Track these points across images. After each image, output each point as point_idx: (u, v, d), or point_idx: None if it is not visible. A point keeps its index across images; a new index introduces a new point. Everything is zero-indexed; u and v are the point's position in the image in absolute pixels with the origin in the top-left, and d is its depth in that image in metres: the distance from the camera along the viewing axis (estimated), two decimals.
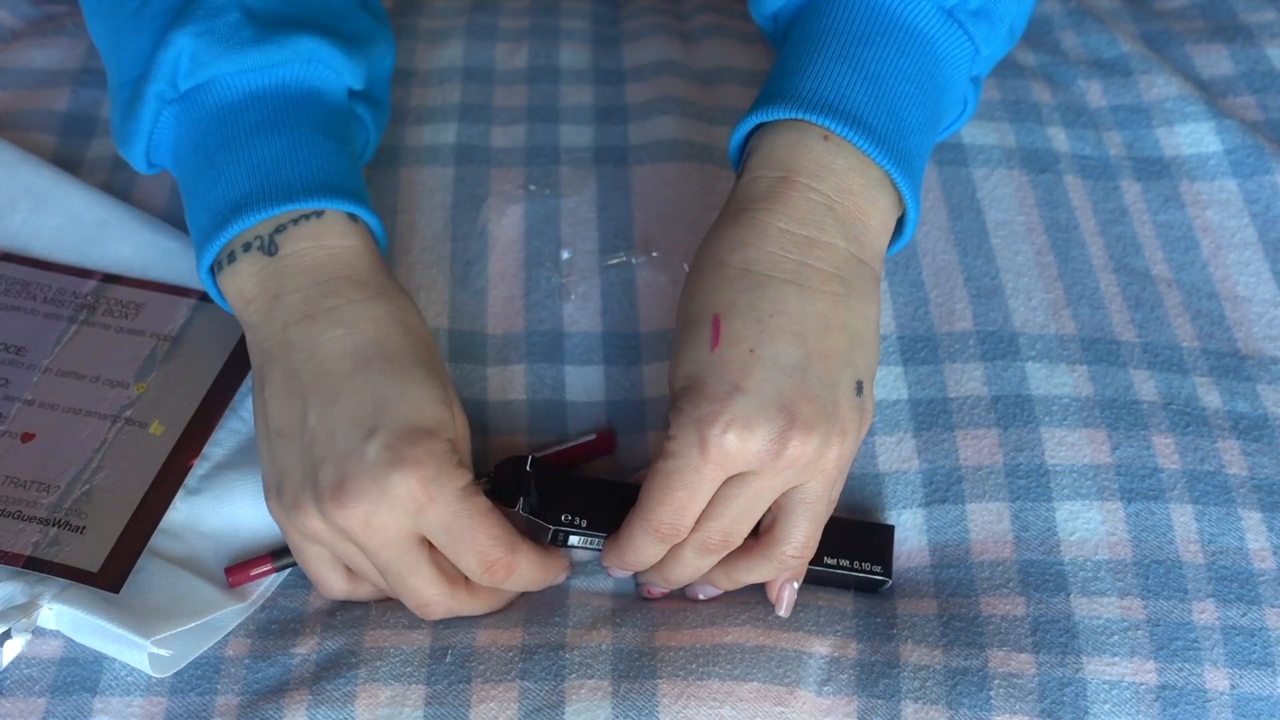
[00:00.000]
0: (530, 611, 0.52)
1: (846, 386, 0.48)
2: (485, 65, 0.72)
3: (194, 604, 0.51)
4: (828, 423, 0.47)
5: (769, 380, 0.47)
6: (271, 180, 0.51)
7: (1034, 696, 0.49)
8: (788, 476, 0.48)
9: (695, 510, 0.48)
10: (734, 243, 0.49)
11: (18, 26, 0.74)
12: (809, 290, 0.48)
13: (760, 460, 0.47)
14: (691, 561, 0.50)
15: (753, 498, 0.48)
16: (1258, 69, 0.72)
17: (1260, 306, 0.62)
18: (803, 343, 0.47)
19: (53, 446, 0.54)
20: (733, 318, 0.48)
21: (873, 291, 0.50)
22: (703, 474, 0.47)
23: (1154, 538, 0.54)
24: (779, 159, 0.50)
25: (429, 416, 0.48)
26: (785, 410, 0.46)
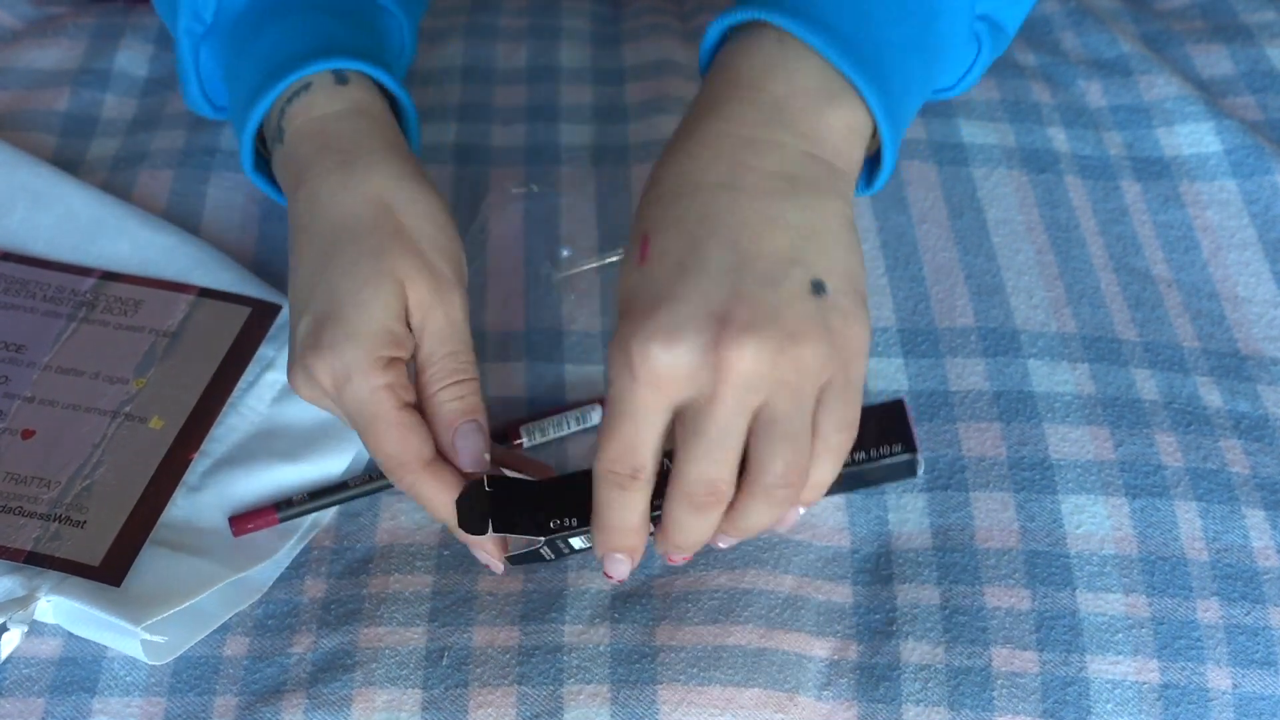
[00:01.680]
0: (528, 606, 0.51)
1: (796, 286, 0.43)
2: (485, 65, 0.72)
3: (190, 582, 0.50)
4: (772, 326, 0.42)
5: (696, 287, 0.42)
6: (264, 67, 0.53)
7: (1036, 696, 0.49)
8: (743, 397, 0.42)
9: (646, 443, 0.43)
10: (667, 155, 0.46)
11: (18, 27, 0.74)
12: (743, 191, 0.44)
13: (700, 378, 0.42)
14: (688, 521, 0.45)
15: (714, 429, 0.43)
16: (1258, 69, 0.72)
17: (1260, 307, 0.62)
18: (734, 246, 0.43)
19: (53, 443, 0.54)
20: (660, 232, 0.44)
21: (836, 189, 0.45)
22: (637, 397, 0.43)
23: (1159, 534, 0.54)
24: (729, 64, 0.47)
25: (348, 313, 0.48)
26: (715, 316, 0.42)
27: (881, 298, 0.61)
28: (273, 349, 0.58)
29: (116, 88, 0.70)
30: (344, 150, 0.51)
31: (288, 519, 0.53)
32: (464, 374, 0.49)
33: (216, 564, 0.52)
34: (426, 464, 0.48)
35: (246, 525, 0.52)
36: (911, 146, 0.67)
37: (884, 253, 0.63)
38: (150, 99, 0.70)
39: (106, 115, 0.69)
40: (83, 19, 0.74)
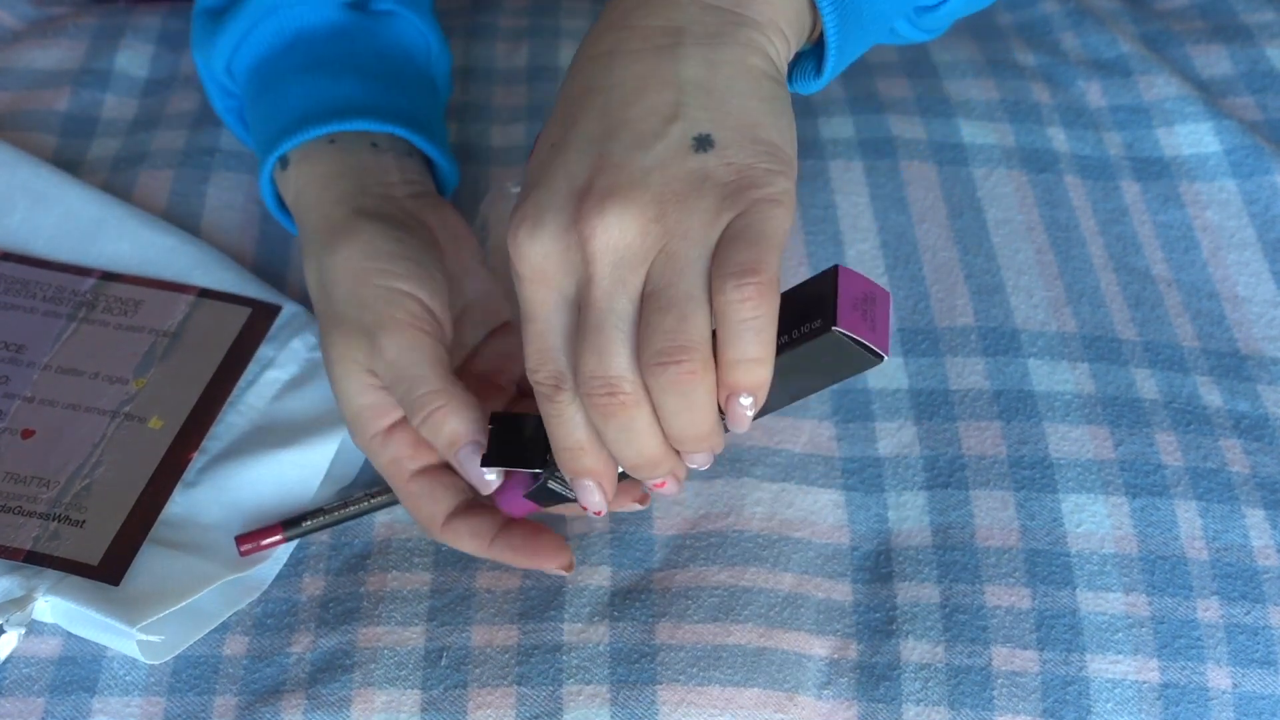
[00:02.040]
0: (526, 604, 0.51)
1: (673, 144, 0.38)
2: (485, 65, 0.72)
3: (187, 581, 0.50)
4: (637, 190, 0.38)
5: (562, 166, 0.39)
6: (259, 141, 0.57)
7: (1037, 695, 0.49)
8: (617, 272, 0.38)
9: (553, 345, 0.40)
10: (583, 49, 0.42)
11: (18, 27, 0.74)
12: (622, 54, 0.40)
13: (572, 261, 0.39)
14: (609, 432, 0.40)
15: (594, 314, 0.39)
16: (1257, 69, 0.72)
17: (1260, 307, 0.62)
18: (605, 114, 0.39)
19: (52, 442, 0.54)
20: (549, 122, 0.41)
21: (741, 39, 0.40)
22: (528, 296, 0.40)
23: (1159, 533, 0.53)
24: None
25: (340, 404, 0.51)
26: (575, 192, 0.38)
27: None
28: (272, 349, 0.58)
29: (117, 88, 0.70)
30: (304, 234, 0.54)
31: (293, 538, 0.53)
32: (422, 409, 0.48)
33: (215, 562, 0.52)
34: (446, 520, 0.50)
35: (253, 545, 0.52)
36: (911, 146, 0.67)
37: (884, 252, 0.63)
38: (151, 99, 0.70)
39: (107, 115, 0.69)
40: (83, 19, 0.74)
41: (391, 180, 0.55)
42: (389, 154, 0.56)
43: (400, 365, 0.49)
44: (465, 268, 0.55)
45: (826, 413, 0.57)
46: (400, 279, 0.50)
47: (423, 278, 0.51)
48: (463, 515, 0.50)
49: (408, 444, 0.50)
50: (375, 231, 0.52)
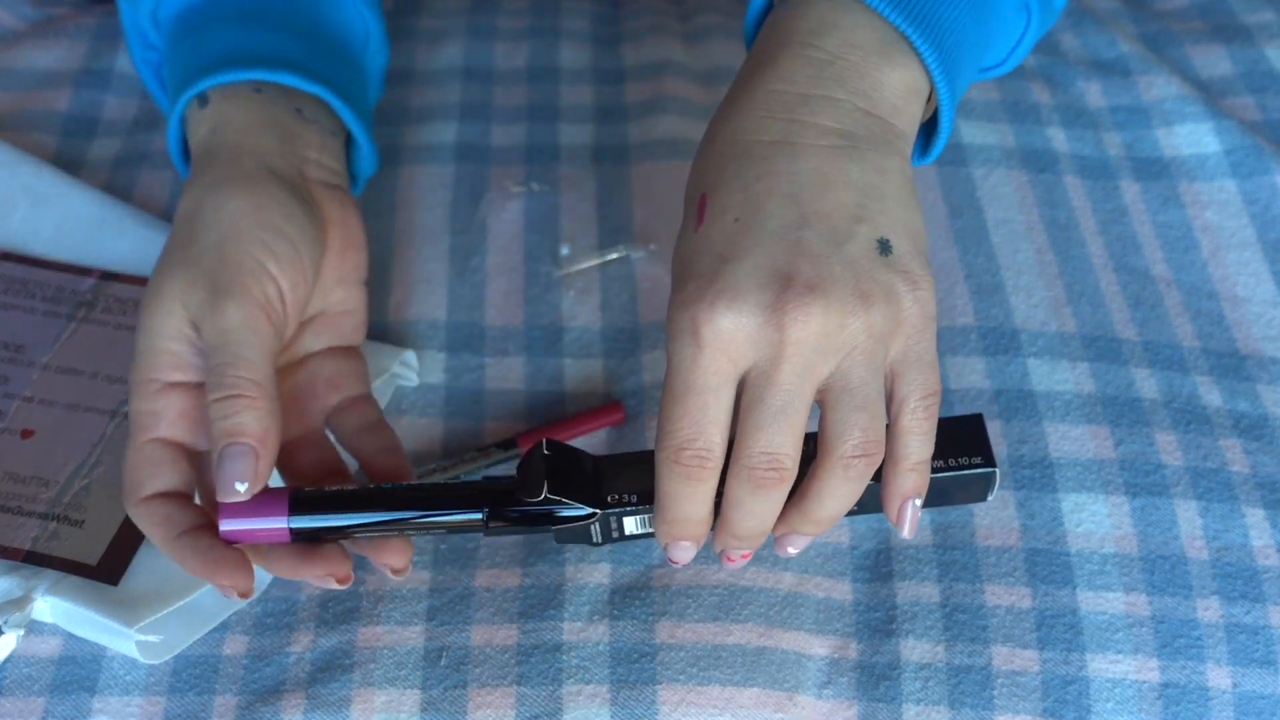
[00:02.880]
0: (525, 603, 0.51)
1: (862, 245, 0.41)
2: (485, 65, 0.72)
3: (186, 580, 0.50)
4: (839, 285, 0.40)
5: (759, 245, 0.40)
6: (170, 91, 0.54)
7: (1037, 695, 0.49)
8: (811, 360, 0.40)
9: (715, 418, 0.41)
10: (722, 116, 0.44)
11: (18, 27, 0.74)
12: (801, 147, 0.42)
13: (765, 340, 0.40)
14: (749, 503, 0.42)
15: (780, 395, 0.40)
16: (1257, 69, 0.72)
17: (1259, 307, 0.62)
18: (796, 202, 0.41)
19: (52, 442, 0.54)
20: (718, 192, 0.42)
21: (895, 148, 0.43)
22: (704, 365, 0.40)
23: (1159, 533, 0.53)
24: (781, 25, 0.45)
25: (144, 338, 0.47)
26: (779, 274, 0.40)
27: None
28: None
29: (117, 88, 0.70)
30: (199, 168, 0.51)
31: None
32: (231, 389, 0.45)
33: None
34: (150, 496, 0.46)
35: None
36: None
37: None
38: (151, 100, 0.70)
39: (107, 116, 0.69)
40: (83, 20, 0.74)
41: (309, 157, 0.52)
42: (313, 126, 0.53)
43: (232, 338, 0.46)
44: (341, 276, 0.52)
45: None
46: (274, 259, 0.48)
47: (295, 269, 0.48)
48: (165, 499, 0.46)
49: (175, 409, 0.47)
50: (274, 199, 0.49)
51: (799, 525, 0.44)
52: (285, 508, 0.46)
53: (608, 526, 0.46)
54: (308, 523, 0.46)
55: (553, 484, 0.45)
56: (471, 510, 0.46)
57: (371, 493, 0.47)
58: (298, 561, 0.47)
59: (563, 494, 0.45)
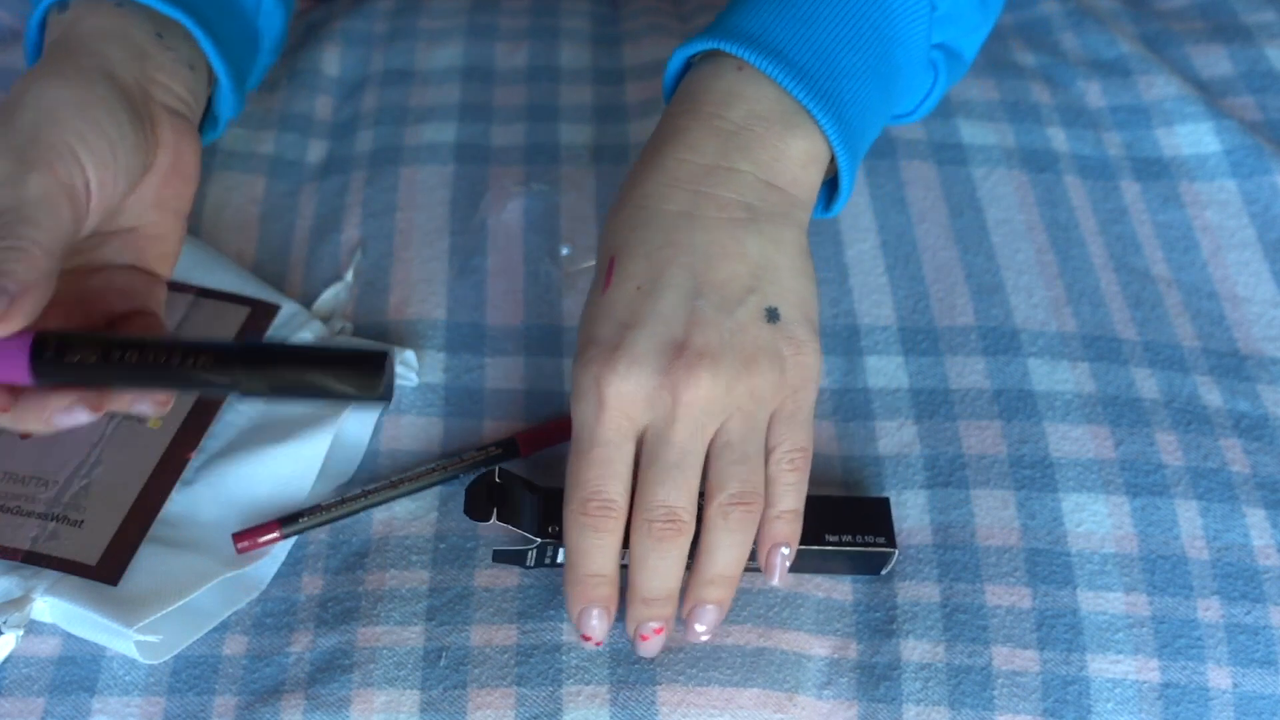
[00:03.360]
0: (525, 603, 0.51)
1: (751, 313, 0.45)
2: (485, 65, 0.72)
3: (185, 580, 0.50)
4: (727, 352, 0.44)
5: (656, 313, 0.45)
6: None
7: (1037, 695, 0.49)
8: (700, 419, 0.45)
9: (618, 472, 0.45)
10: (632, 181, 0.48)
11: (18, 27, 0.74)
12: (702, 219, 0.46)
13: (660, 401, 0.44)
14: (652, 559, 0.46)
15: (674, 451, 0.45)
16: (1257, 69, 0.72)
17: (1260, 307, 0.62)
18: (692, 273, 0.45)
19: (51, 442, 0.54)
20: (624, 258, 0.46)
21: (792, 218, 0.47)
22: (606, 423, 0.45)
23: (1160, 533, 0.53)
24: (691, 92, 0.49)
25: None
26: (674, 342, 0.44)
27: (881, 297, 0.61)
28: None
29: None
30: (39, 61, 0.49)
31: (290, 535, 0.53)
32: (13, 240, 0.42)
33: (213, 560, 0.51)
34: None
35: (251, 543, 0.52)
36: (911, 146, 0.67)
37: (884, 252, 0.63)
38: None
39: None
40: None
41: (156, 79, 0.50)
42: (169, 53, 0.51)
43: (28, 205, 0.43)
44: (161, 200, 0.50)
45: (827, 411, 0.57)
46: (88, 150, 0.46)
47: (106, 168, 0.46)
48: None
49: None
50: (101, 99, 0.47)
51: (699, 590, 0.47)
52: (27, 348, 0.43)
53: (542, 553, 0.51)
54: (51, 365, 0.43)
55: (500, 511, 0.50)
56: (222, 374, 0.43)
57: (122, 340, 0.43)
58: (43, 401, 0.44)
59: (508, 522, 0.50)
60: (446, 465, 0.55)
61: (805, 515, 0.50)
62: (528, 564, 0.52)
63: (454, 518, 0.54)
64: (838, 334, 0.60)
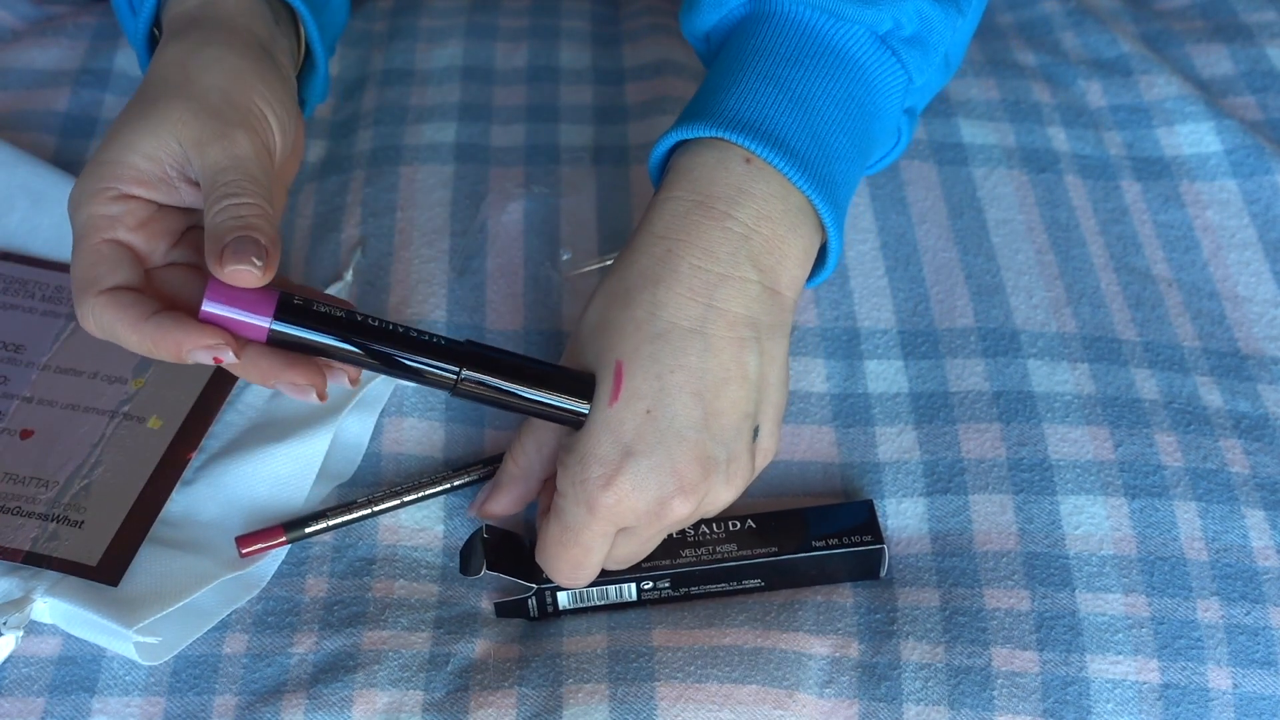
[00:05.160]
0: (529, 627, 0.52)
1: (744, 440, 0.48)
2: (485, 65, 0.72)
3: (185, 580, 0.50)
4: (713, 481, 0.48)
5: (662, 444, 0.47)
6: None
7: (1037, 696, 0.49)
8: (666, 528, 0.49)
9: (593, 564, 0.49)
10: (645, 277, 0.48)
11: (18, 27, 0.74)
12: (713, 340, 0.47)
13: (645, 518, 0.47)
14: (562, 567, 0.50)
15: (642, 544, 0.49)
16: (1258, 69, 0.72)
17: (1260, 307, 0.62)
18: (700, 401, 0.47)
19: (51, 442, 0.54)
20: (634, 371, 0.47)
21: (785, 325, 0.49)
22: (593, 531, 0.48)
23: (1158, 534, 0.53)
24: (697, 181, 0.49)
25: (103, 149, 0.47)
26: (675, 474, 0.47)
27: (881, 298, 0.61)
28: None
29: (116, 88, 0.70)
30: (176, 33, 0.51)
31: (296, 540, 0.53)
32: (246, 197, 0.45)
33: (213, 560, 0.52)
34: (111, 288, 0.46)
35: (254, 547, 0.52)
36: (911, 147, 0.67)
37: (884, 253, 0.63)
38: None
39: (106, 115, 0.69)
40: (83, 19, 0.74)
41: (284, 63, 0.53)
42: (285, 40, 0.54)
43: (246, 162, 0.46)
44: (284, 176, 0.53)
45: (826, 418, 0.57)
46: (274, 116, 0.49)
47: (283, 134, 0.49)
48: (128, 291, 0.46)
49: (134, 217, 0.47)
50: (270, 69, 0.50)
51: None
52: (271, 308, 0.45)
53: (543, 601, 0.52)
54: (290, 329, 0.45)
55: (490, 562, 0.51)
56: (449, 363, 0.47)
57: (358, 323, 0.46)
58: (277, 365, 0.46)
59: (502, 571, 0.51)
60: (448, 476, 0.55)
61: (792, 527, 0.53)
62: (531, 615, 0.52)
63: (460, 534, 0.54)
64: (837, 338, 0.60)
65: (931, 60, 0.52)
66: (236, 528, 0.53)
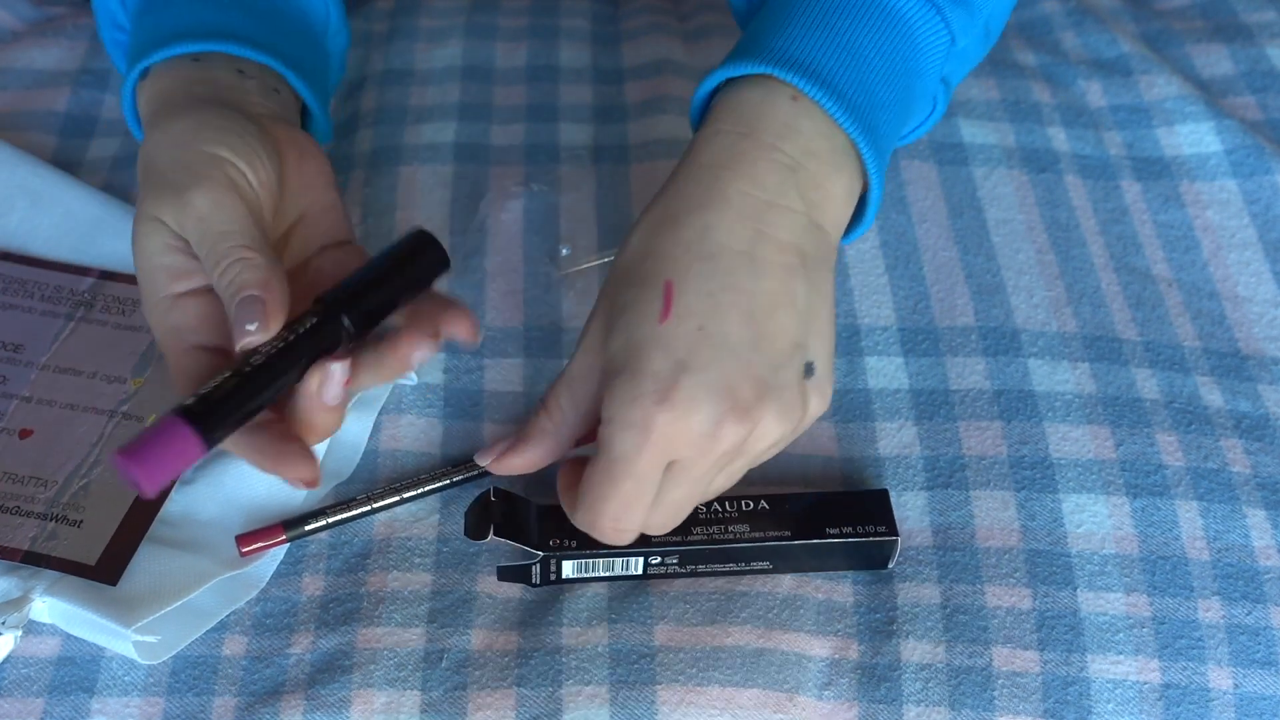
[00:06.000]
0: (525, 610, 0.51)
1: (795, 370, 0.46)
2: (485, 64, 0.72)
3: (185, 579, 0.50)
4: (769, 409, 0.46)
5: (716, 360, 0.45)
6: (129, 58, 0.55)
7: (1037, 696, 0.49)
8: (721, 461, 0.46)
9: (642, 502, 0.46)
10: (692, 203, 0.47)
11: (18, 27, 0.74)
12: (762, 263, 0.46)
13: (699, 445, 0.45)
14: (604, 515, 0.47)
15: (693, 485, 0.46)
16: (1258, 69, 0.72)
17: (1260, 307, 0.62)
18: (752, 322, 0.45)
19: (50, 442, 0.54)
20: (685, 289, 0.46)
21: (829, 263, 0.48)
22: (645, 458, 0.45)
23: (1160, 533, 0.53)
24: (744, 115, 0.48)
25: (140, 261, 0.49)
26: (730, 391, 0.45)
27: (881, 297, 0.61)
28: None
29: (116, 88, 0.70)
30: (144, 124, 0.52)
31: (296, 538, 0.52)
32: (223, 258, 0.46)
33: (212, 560, 0.51)
34: None
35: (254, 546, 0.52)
36: (912, 146, 0.67)
37: (884, 253, 0.63)
38: None
39: (106, 115, 0.69)
40: (83, 19, 0.74)
41: (251, 100, 0.53)
42: (253, 81, 0.54)
43: (209, 221, 0.47)
44: (306, 181, 0.52)
45: (827, 413, 0.57)
46: (222, 147, 0.48)
47: (246, 151, 0.49)
48: None
49: (194, 314, 0.48)
50: (214, 112, 0.50)
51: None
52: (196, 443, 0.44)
53: (546, 569, 0.51)
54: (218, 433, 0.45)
55: (499, 528, 0.50)
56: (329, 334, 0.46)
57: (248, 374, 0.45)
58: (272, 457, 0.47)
59: (509, 537, 0.50)
60: (448, 473, 0.54)
61: (806, 511, 0.52)
62: (533, 581, 0.52)
63: (456, 521, 0.54)
64: (838, 334, 0.60)
65: (975, 23, 0.52)
66: (236, 527, 0.53)
